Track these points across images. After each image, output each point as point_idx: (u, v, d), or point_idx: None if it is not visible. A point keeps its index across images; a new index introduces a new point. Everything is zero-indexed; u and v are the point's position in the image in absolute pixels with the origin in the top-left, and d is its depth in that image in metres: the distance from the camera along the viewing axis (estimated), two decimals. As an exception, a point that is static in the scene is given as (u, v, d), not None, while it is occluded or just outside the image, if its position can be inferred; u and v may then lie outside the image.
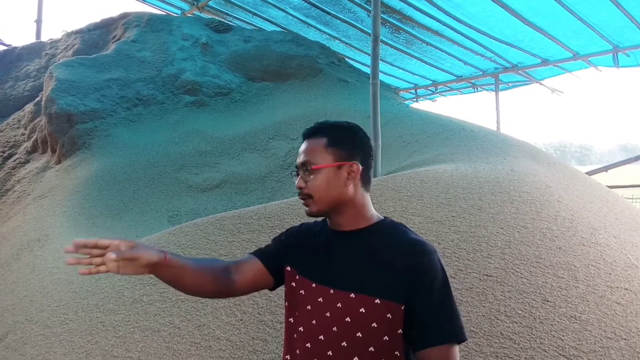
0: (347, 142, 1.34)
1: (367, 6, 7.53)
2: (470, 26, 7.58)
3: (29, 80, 7.45)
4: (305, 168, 1.32)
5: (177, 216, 5.06)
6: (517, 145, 4.80)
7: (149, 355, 2.51)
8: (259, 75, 7.30)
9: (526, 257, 2.77)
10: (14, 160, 6.38)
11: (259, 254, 1.47)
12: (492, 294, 2.52)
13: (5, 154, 6.54)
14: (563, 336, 2.35)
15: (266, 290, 2.76)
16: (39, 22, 9.16)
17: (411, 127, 5.56)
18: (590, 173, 7.42)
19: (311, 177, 1.31)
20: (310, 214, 1.35)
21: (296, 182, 1.35)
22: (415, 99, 12.20)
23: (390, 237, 1.30)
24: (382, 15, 6.05)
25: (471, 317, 2.39)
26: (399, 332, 1.22)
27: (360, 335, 1.22)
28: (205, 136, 6.18)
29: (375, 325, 1.22)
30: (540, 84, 10.01)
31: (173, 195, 5.32)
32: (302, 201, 1.35)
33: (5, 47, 8.27)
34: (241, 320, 2.59)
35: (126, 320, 2.78)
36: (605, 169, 8.35)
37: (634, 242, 3.18)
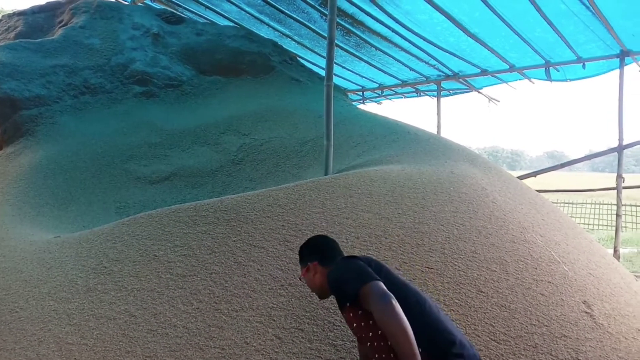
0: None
1: (320, 8, 7.69)
2: (417, 34, 7.88)
3: (-36, 60, 7.04)
4: None
5: (125, 207, 5.01)
6: (456, 149, 5.07)
7: (105, 342, 2.54)
8: (210, 69, 7.27)
9: (463, 252, 3.04)
10: (-53, 145, 6.04)
11: None
12: (433, 284, 2.76)
13: (-64, 138, 6.17)
14: (494, 323, 2.62)
15: (222, 281, 2.86)
16: (-25, -1, 8.60)
17: (360, 128, 5.74)
18: (520, 177, 7.93)
19: None
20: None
21: None
22: (362, 101, 12.49)
23: None
24: (335, 18, 6.21)
25: (414, 305, 2.61)
26: None
27: None
28: (154, 128, 6.11)
29: None
30: (479, 92, 10.52)
31: (121, 187, 5.25)
32: None
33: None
34: (197, 308, 2.67)
35: (80, 309, 2.78)
36: (534, 174, 8.94)
37: (557, 240, 3.52)
